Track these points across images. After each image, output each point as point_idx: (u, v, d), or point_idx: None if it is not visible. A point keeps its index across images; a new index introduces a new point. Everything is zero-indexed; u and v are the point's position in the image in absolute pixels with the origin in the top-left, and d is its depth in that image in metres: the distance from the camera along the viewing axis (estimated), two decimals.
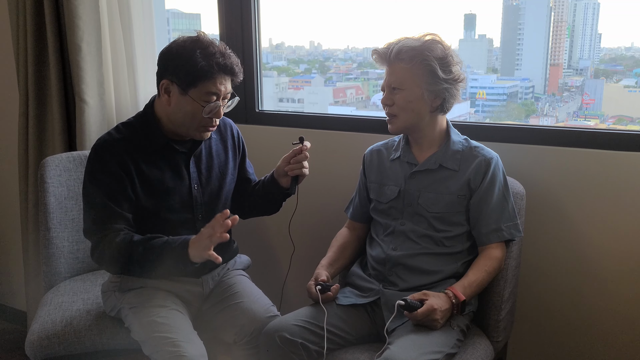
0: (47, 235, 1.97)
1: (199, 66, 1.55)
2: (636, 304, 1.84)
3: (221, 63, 1.58)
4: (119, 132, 1.67)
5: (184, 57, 1.57)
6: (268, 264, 2.35)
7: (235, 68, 1.61)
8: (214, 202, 1.78)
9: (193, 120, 1.62)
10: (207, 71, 1.56)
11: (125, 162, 1.62)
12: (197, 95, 1.59)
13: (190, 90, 1.58)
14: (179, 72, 1.58)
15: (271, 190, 1.81)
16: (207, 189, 1.76)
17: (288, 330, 1.59)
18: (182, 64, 1.57)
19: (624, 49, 2.45)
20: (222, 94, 1.61)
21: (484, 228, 1.66)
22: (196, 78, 1.57)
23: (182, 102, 1.60)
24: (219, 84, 1.59)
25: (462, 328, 1.61)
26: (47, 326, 1.74)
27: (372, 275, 1.74)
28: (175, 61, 1.58)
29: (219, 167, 1.79)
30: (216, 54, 1.58)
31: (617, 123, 2.39)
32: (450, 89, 1.64)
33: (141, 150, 1.65)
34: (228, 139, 1.84)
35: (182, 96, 1.59)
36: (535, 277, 1.95)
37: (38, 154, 2.36)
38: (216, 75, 1.58)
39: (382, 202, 1.76)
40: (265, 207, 1.88)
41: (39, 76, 2.30)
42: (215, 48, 1.59)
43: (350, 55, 2.98)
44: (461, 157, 1.69)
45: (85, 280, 2.00)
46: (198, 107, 1.59)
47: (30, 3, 2.21)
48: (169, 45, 1.62)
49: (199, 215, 1.74)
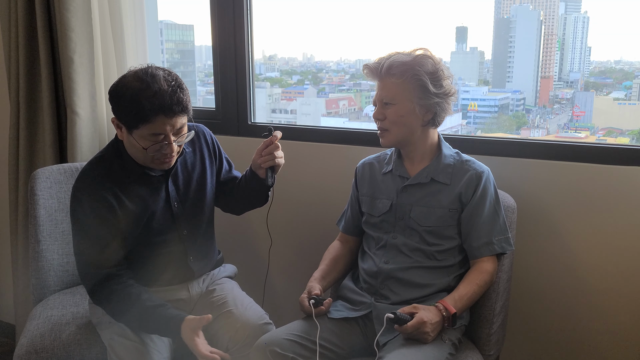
0: (37, 247, 1.95)
1: (138, 109, 1.51)
2: (627, 317, 1.85)
3: (159, 105, 1.51)
4: (93, 169, 1.66)
5: (125, 98, 1.53)
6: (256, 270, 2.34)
7: (176, 108, 1.54)
8: (197, 216, 1.80)
9: (145, 157, 1.61)
10: (146, 115, 1.52)
11: (105, 199, 1.62)
12: (141, 136, 1.56)
13: (133, 131, 1.56)
14: (122, 114, 1.57)
15: (252, 184, 1.81)
16: (187, 204, 1.77)
17: (279, 345, 1.58)
18: (124, 106, 1.54)
19: (614, 62, 2.47)
20: (169, 132, 1.57)
21: (475, 241, 1.67)
22: (137, 121, 1.53)
23: (130, 140, 1.60)
24: (162, 125, 1.54)
25: (453, 342, 1.60)
26: (36, 340, 1.72)
27: (364, 288, 1.74)
28: (118, 102, 1.56)
29: (196, 180, 1.79)
30: (156, 95, 1.51)
31: (607, 135, 2.41)
32: (442, 103, 1.65)
33: (119, 182, 1.65)
34: (203, 148, 1.83)
35: (129, 135, 1.59)
36: (527, 291, 1.96)
37: (28, 165, 2.35)
38: (155, 118, 1.53)
39: (374, 215, 1.76)
40: (253, 201, 1.89)
41: (30, 88, 2.29)
42: (157, 87, 1.52)
43: (342, 67, 2.99)
44: (452, 171, 1.69)
45: (74, 293, 1.98)
46: (141, 147, 1.58)
47: (23, 14, 2.21)
48: (116, 84, 1.58)
49: (183, 231, 1.77)
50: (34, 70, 2.28)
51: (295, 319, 1.71)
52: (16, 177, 2.39)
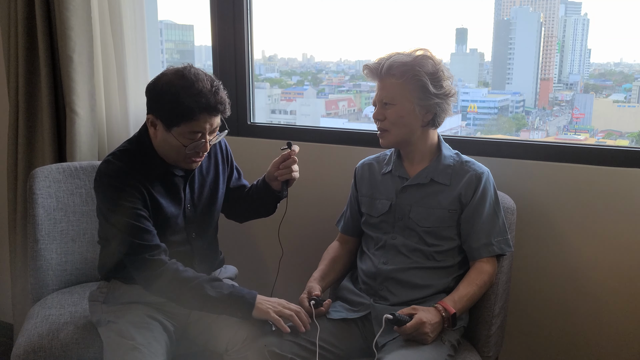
0: (35, 247, 1.95)
1: (181, 107, 1.52)
2: (627, 318, 1.85)
3: (205, 103, 1.54)
4: (118, 159, 1.64)
5: (167, 96, 1.54)
6: (257, 271, 2.34)
7: (220, 107, 1.57)
8: (206, 220, 1.80)
9: (178, 154, 1.62)
10: (190, 112, 1.53)
11: (138, 187, 1.61)
12: (180, 133, 1.57)
13: (173, 128, 1.57)
14: (163, 111, 1.57)
15: (264, 195, 1.83)
16: (199, 208, 1.77)
17: (278, 345, 1.57)
18: (166, 103, 1.55)
19: (613, 64, 2.48)
20: (207, 131, 1.59)
21: (475, 242, 1.66)
22: (179, 118, 1.55)
23: (166, 137, 1.60)
24: (203, 123, 1.57)
25: (452, 343, 1.60)
26: (34, 339, 1.71)
27: (363, 289, 1.74)
28: (159, 99, 1.57)
29: (209, 185, 1.80)
30: (201, 93, 1.53)
31: (606, 137, 2.42)
32: (442, 104, 1.65)
33: (143, 177, 1.63)
34: (217, 154, 1.84)
35: (167, 132, 1.59)
36: (526, 292, 1.96)
37: (27, 164, 2.34)
38: (199, 116, 1.55)
39: (373, 215, 1.76)
40: (260, 210, 1.90)
41: (29, 86, 2.29)
42: (201, 85, 1.54)
43: (342, 68, 2.99)
44: (452, 172, 1.69)
45: (72, 292, 1.97)
46: (181, 144, 1.59)
47: (22, 13, 2.20)
48: (156, 81, 1.58)
49: (192, 233, 1.76)
50: (33, 69, 2.28)
51: None
52: (15, 176, 2.38)
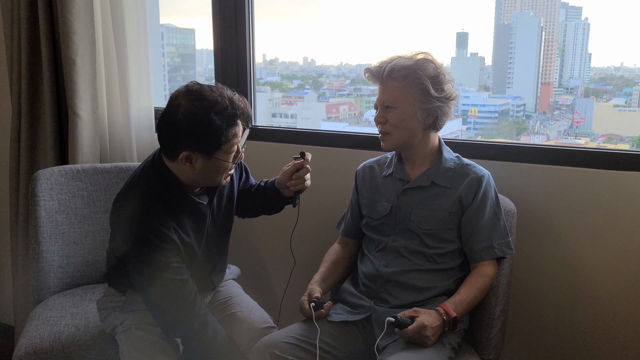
0: (37, 249, 1.95)
1: (217, 130, 1.46)
2: (627, 321, 1.85)
3: (236, 115, 1.50)
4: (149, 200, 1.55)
5: (198, 125, 1.45)
6: (262, 276, 2.34)
7: (247, 110, 1.54)
8: (225, 234, 1.79)
9: (219, 175, 1.57)
10: (226, 131, 1.48)
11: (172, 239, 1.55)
12: (223, 154, 1.52)
13: (216, 153, 1.51)
14: (199, 142, 1.48)
15: (273, 198, 1.81)
16: (218, 223, 1.74)
17: (279, 347, 1.57)
18: (200, 134, 1.47)
19: (614, 68, 2.48)
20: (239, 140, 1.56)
21: (476, 245, 1.67)
22: (218, 141, 1.49)
23: (209, 165, 1.53)
24: (238, 132, 1.53)
25: (453, 346, 1.60)
26: (35, 341, 1.72)
27: (363, 291, 1.74)
28: (190, 132, 1.47)
29: (226, 195, 1.76)
30: (228, 108, 1.48)
31: (607, 142, 2.42)
32: (443, 107, 1.65)
33: (172, 217, 1.56)
34: None
35: (208, 160, 1.52)
36: (527, 295, 1.96)
37: (29, 167, 2.35)
38: (234, 130, 1.51)
39: (374, 218, 1.77)
40: (266, 211, 1.89)
41: (32, 89, 2.30)
42: (224, 100, 1.48)
43: (343, 72, 3.00)
44: (453, 175, 1.70)
45: (74, 295, 1.98)
46: (226, 164, 1.55)
47: (25, 16, 2.22)
48: (173, 114, 1.48)
49: (213, 249, 1.74)
50: (36, 72, 2.29)
51: (295, 321, 1.71)
52: (17, 178, 2.39)
